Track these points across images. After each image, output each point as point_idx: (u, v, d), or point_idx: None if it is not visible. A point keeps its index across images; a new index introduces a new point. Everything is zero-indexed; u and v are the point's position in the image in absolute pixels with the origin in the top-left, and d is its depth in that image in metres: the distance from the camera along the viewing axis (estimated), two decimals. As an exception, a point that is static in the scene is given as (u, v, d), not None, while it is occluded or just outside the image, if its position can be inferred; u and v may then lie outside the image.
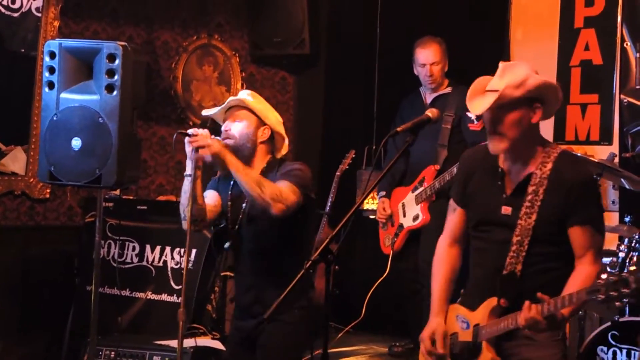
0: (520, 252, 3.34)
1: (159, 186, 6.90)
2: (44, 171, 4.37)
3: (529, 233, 3.33)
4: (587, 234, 3.34)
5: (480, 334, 3.38)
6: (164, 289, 5.84)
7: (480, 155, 3.55)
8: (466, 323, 3.46)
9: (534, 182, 3.36)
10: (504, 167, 3.45)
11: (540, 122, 3.43)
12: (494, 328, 3.34)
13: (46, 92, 4.34)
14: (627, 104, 6.02)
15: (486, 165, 3.51)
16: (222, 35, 7.20)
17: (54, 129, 4.31)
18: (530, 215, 3.33)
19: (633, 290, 2.90)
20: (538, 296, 3.16)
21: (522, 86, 3.31)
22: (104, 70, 4.22)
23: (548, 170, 3.36)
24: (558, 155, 3.40)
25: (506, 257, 3.35)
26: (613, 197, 6.13)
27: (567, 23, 6.41)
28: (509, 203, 3.40)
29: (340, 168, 6.39)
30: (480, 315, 3.41)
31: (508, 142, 3.34)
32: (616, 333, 4.90)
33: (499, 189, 3.44)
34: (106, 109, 4.22)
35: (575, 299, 3.08)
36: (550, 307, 3.13)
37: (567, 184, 3.33)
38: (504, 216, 3.40)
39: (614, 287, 2.93)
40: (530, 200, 3.34)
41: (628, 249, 5.05)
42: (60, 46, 4.32)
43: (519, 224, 3.34)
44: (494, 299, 3.35)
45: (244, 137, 4.07)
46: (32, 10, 5.98)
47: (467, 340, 3.44)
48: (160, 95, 6.90)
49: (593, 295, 2.97)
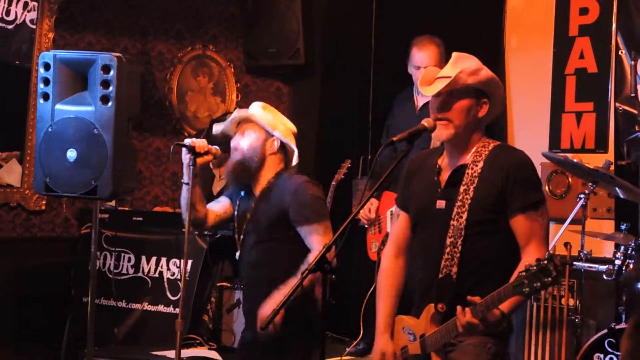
0: (454, 254, 3.25)
1: (154, 197, 6.89)
2: (40, 183, 4.37)
3: (461, 233, 3.25)
4: (528, 221, 3.23)
5: (427, 345, 3.29)
6: (160, 299, 5.84)
7: (423, 157, 3.53)
8: (412, 335, 3.36)
9: (468, 172, 3.31)
10: (442, 164, 3.42)
11: (534, 130, 3.43)
12: (438, 337, 3.24)
13: (41, 104, 4.34)
14: (622, 112, 6.03)
15: (427, 165, 3.48)
16: (217, 46, 7.21)
17: (49, 140, 4.31)
18: (461, 214, 3.25)
19: (554, 278, 2.88)
20: (468, 299, 3.10)
21: (475, 75, 3.32)
22: (98, 82, 4.23)
23: (482, 159, 3.31)
24: (494, 146, 3.36)
25: (441, 259, 3.28)
26: (609, 205, 6.13)
27: (561, 31, 6.42)
28: (443, 197, 3.35)
29: (336, 178, 6.38)
30: (424, 324, 3.31)
31: (454, 128, 3.31)
32: (612, 340, 4.91)
33: (436, 185, 3.39)
34: (101, 120, 4.23)
35: (503, 295, 3.01)
36: (481, 309, 3.07)
37: (502, 168, 3.26)
38: (438, 211, 3.34)
39: (536, 278, 2.90)
40: (464, 190, 3.28)
41: (624, 257, 5.06)
42: (55, 57, 4.33)
43: (451, 225, 3.27)
44: (431, 306, 3.27)
45: (251, 150, 4.08)
46: (27, 22, 5.98)
47: (417, 354, 3.33)
48: (155, 106, 6.90)
49: (519, 290, 2.94)
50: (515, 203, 3.24)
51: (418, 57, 5.62)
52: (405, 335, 3.40)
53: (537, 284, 2.89)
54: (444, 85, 3.28)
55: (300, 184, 4.04)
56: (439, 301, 3.24)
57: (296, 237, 4.03)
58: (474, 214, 3.25)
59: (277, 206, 4.02)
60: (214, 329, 5.95)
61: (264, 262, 4.05)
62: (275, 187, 4.07)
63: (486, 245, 3.27)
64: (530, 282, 2.90)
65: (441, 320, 3.24)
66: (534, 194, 3.28)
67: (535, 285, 2.90)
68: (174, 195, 6.94)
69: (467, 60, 3.38)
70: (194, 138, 4.08)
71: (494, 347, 3.28)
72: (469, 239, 3.25)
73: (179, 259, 5.83)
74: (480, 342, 3.26)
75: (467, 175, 3.31)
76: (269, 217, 4.04)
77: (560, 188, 6.30)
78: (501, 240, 3.25)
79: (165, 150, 6.93)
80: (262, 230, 4.05)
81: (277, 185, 4.08)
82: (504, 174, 3.26)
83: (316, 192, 4.07)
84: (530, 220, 3.24)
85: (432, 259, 3.32)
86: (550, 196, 6.27)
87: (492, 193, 3.26)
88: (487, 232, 3.27)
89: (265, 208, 4.06)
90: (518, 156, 3.35)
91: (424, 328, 3.30)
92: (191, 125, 7.05)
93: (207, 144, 4.00)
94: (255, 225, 4.07)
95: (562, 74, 6.39)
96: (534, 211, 3.25)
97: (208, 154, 4.03)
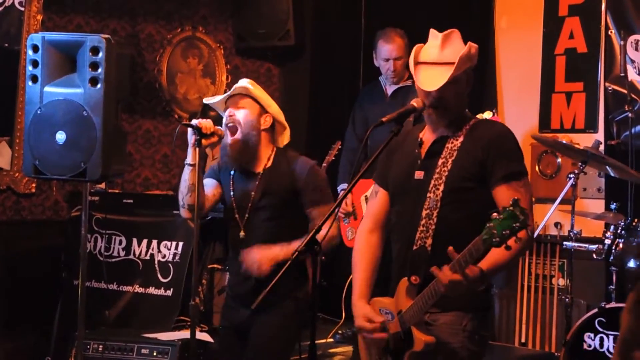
0: (429, 226, 3.22)
1: (144, 179, 6.88)
2: (29, 165, 4.35)
3: (437, 204, 3.22)
4: (510, 191, 3.17)
5: (406, 321, 3.22)
6: (151, 282, 5.83)
7: (403, 134, 3.45)
8: (390, 314, 3.30)
9: (448, 145, 3.28)
10: (423, 137, 3.40)
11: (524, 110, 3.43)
12: (415, 309, 3.17)
13: (30, 86, 4.32)
14: (612, 92, 6.03)
15: (408, 141, 3.45)
16: (207, 27, 7.17)
17: (38, 122, 4.29)
18: (438, 187, 3.22)
19: (522, 222, 2.81)
20: (448, 250, 2.99)
21: (471, 59, 3.31)
22: (87, 63, 4.20)
23: (464, 132, 3.30)
24: (475, 121, 3.35)
25: (416, 232, 3.25)
26: (599, 185, 6.15)
27: (551, 11, 6.41)
28: (422, 167, 3.32)
29: (327, 159, 6.37)
30: (399, 300, 3.26)
31: (451, 115, 3.31)
32: (603, 319, 4.93)
33: (416, 156, 3.36)
34: (90, 102, 4.20)
35: (474, 250, 2.93)
36: (460, 261, 2.98)
37: (483, 139, 3.24)
38: (416, 182, 3.31)
39: (505, 225, 2.82)
40: (442, 163, 3.25)
41: (614, 236, 5.09)
42: (43, 39, 4.30)
43: (428, 197, 3.24)
44: (405, 280, 3.21)
45: (249, 124, 4.11)
46: (15, 4, 5.95)
47: (397, 331, 3.26)
48: (144, 88, 6.88)
49: (489, 242, 2.85)
50: (497, 173, 3.21)
51: (385, 50, 5.89)
52: (383, 317, 3.34)
53: (506, 232, 2.82)
54: (447, 79, 3.23)
55: (312, 167, 4.15)
56: (412, 274, 3.20)
57: (304, 217, 4.12)
58: (451, 182, 3.23)
59: (287, 185, 4.09)
60: (205, 310, 5.94)
61: (275, 239, 4.05)
62: (281, 166, 4.12)
63: (462, 217, 3.22)
64: (499, 230, 2.83)
65: (417, 293, 3.19)
66: (515, 164, 3.25)
67: (504, 233, 2.82)
68: (165, 178, 6.94)
69: (455, 40, 3.34)
70: (201, 119, 4.08)
71: (470, 323, 3.25)
72: (445, 209, 3.22)
73: (169, 241, 5.82)
74: (455, 319, 3.24)
75: (446, 149, 3.29)
76: (282, 195, 4.10)
77: (550, 168, 6.31)
78: (478, 213, 3.14)
79: (155, 133, 6.91)
80: (275, 207, 4.09)
81: (284, 164, 4.13)
82: (484, 145, 3.24)
83: (324, 175, 4.23)
84: (512, 190, 3.18)
85: (408, 232, 3.29)
86: (540, 176, 6.29)
87: (472, 163, 3.23)
88: (463, 202, 3.23)
89: (274, 187, 4.11)
90: (499, 128, 3.35)
91: (400, 304, 3.25)
92: (181, 107, 7.03)
93: (213, 124, 4.01)
94: (268, 202, 4.10)
95: (552, 54, 6.40)
96: (516, 181, 3.22)
97: (214, 135, 4.05)
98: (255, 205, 4.13)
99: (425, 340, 3.17)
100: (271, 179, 4.12)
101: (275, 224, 4.10)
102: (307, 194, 4.08)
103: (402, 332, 3.24)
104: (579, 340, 4.99)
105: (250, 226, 4.14)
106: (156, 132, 6.93)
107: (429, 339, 3.18)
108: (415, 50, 3.37)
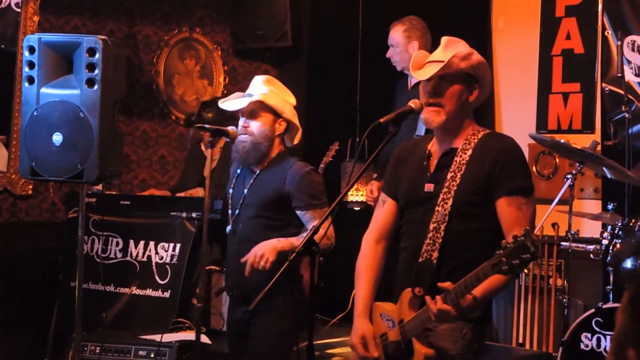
0: (436, 239, 3.23)
1: (141, 181, 6.88)
2: (26, 167, 4.34)
3: (445, 218, 3.22)
4: (513, 207, 3.19)
5: (407, 331, 3.22)
6: (148, 284, 5.82)
7: (413, 144, 3.52)
8: (391, 321, 3.31)
9: (457, 159, 3.29)
10: (432, 149, 3.41)
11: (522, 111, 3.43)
12: (417, 322, 3.17)
13: (26, 87, 4.31)
14: (608, 92, 6.04)
15: (417, 151, 3.46)
16: (204, 28, 7.17)
17: (35, 124, 4.28)
18: (447, 201, 3.23)
19: (532, 254, 2.80)
20: (439, 285, 3.02)
21: (467, 59, 3.32)
22: (84, 65, 4.19)
23: (473, 145, 3.30)
24: (484, 134, 3.35)
25: (423, 244, 3.25)
26: (596, 185, 6.15)
27: (548, 12, 6.42)
28: (432, 180, 3.33)
29: (324, 160, 6.38)
30: (402, 310, 3.26)
31: (445, 114, 3.30)
32: (600, 320, 4.93)
33: (425, 169, 3.38)
34: (87, 104, 4.19)
35: (482, 275, 2.91)
36: (455, 294, 2.98)
37: (492, 153, 3.24)
38: (426, 194, 3.31)
39: (514, 255, 2.80)
40: (452, 177, 3.26)
41: (611, 237, 5.08)
42: (40, 41, 4.29)
43: (436, 210, 3.24)
44: (408, 290, 3.22)
45: (262, 134, 4.18)
46: (12, 6, 5.95)
47: (397, 340, 3.27)
48: (142, 90, 6.88)
49: (497, 269, 2.84)
50: (502, 186, 3.21)
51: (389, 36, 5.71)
52: (383, 322, 3.35)
53: (516, 261, 2.81)
54: (438, 69, 3.26)
55: (306, 172, 4.19)
56: (416, 285, 3.20)
57: (292, 220, 4.16)
58: (459, 196, 3.23)
59: (277, 187, 4.14)
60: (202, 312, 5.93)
61: (254, 238, 4.09)
62: (276, 168, 4.19)
63: (469, 230, 3.24)
64: (509, 259, 2.82)
65: (419, 305, 3.19)
66: (521, 180, 3.25)
67: (513, 263, 2.81)
68: (162, 179, 6.93)
69: (458, 44, 3.38)
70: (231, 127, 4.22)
71: (470, 332, 3.26)
72: (452, 223, 3.23)
73: (167, 243, 5.82)
74: (456, 327, 3.23)
75: (455, 163, 3.30)
76: (267, 196, 4.15)
77: (548, 169, 6.31)
78: (485, 228, 3.20)
79: (152, 134, 6.91)
80: (259, 206, 4.16)
81: (280, 167, 4.19)
82: (492, 158, 3.24)
83: (320, 180, 4.25)
84: (515, 206, 3.20)
85: (415, 242, 3.30)
86: (537, 177, 6.29)
87: (480, 176, 3.24)
88: (471, 216, 3.24)
89: (265, 186, 4.17)
90: (508, 142, 3.33)
91: (402, 314, 3.26)
92: (178, 108, 7.02)
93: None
94: (253, 201, 4.17)
95: (549, 55, 6.40)
96: (520, 197, 3.22)
97: None
98: (244, 202, 4.21)
99: (425, 353, 3.18)
100: (264, 179, 4.19)
101: (258, 223, 4.16)
102: (298, 198, 4.13)
103: (402, 342, 3.25)
104: (577, 340, 4.99)
105: (237, 222, 4.23)
106: (153, 134, 6.92)
107: (429, 352, 3.19)
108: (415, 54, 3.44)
